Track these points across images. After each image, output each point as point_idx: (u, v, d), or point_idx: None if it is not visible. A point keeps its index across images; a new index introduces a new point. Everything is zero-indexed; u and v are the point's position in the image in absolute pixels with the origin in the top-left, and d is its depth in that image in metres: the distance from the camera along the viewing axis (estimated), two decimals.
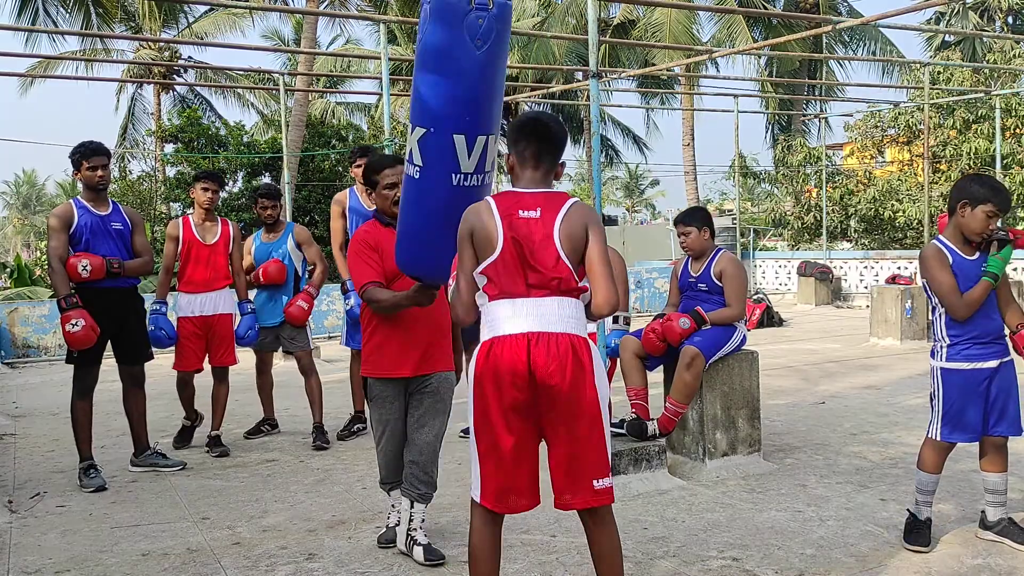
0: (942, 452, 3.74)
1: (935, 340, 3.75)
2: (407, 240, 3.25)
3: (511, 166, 2.79)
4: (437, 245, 3.11)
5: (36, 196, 62.44)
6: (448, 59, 2.85)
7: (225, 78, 22.38)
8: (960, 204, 3.65)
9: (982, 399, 3.65)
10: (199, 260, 5.80)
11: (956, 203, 3.67)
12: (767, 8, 22.07)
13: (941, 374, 3.70)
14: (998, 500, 3.76)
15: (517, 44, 23.86)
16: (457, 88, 2.88)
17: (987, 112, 17.08)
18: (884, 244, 19.77)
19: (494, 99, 2.97)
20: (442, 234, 3.04)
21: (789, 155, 20.93)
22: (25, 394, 8.68)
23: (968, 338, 3.63)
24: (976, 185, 3.63)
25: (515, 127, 2.79)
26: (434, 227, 3.09)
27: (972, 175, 3.80)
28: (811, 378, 8.33)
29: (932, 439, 3.74)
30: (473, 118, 2.92)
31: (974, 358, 3.63)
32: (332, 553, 3.85)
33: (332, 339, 12.60)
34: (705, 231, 5.02)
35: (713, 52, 10.55)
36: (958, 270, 3.61)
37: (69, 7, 20.71)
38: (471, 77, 2.86)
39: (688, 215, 5.13)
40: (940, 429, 3.71)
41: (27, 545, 4.09)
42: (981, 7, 25.94)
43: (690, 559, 3.64)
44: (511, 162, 2.79)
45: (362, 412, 6.27)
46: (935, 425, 3.73)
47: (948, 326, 3.66)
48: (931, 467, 3.75)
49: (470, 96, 2.90)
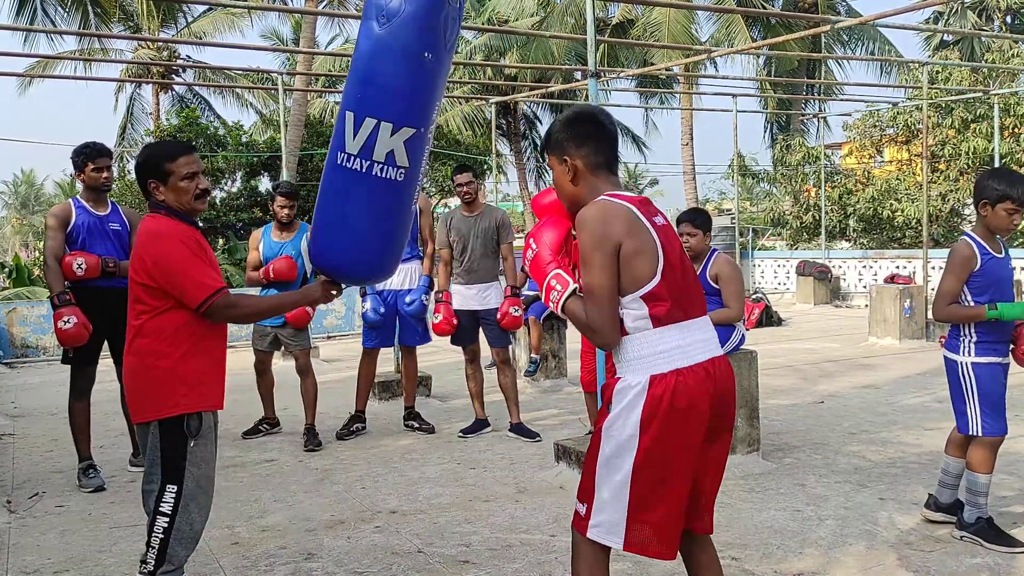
0: (994, 448, 3.71)
1: (960, 335, 3.73)
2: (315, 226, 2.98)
3: (589, 167, 2.46)
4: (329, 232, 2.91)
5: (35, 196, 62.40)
6: (361, 31, 2.76)
7: (224, 78, 22.35)
8: (981, 204, 3.67)
9: (1004, 391, 3.71)
10: None
11: (977, 203, 3.69)
12: (766, 8, 22.07)
13: (973, 368, 3.68)
14: (980, 500, 3.74)
15: (516, 43, 23.85)
16: (355, 64, 2.77)
17: (986, 111, 17.08)
18: (883, 243, 19.78)
19: (393, 83, 2.71)
20: (330, 218, 2.88)
21: (788, 154, 20.93)
22: (24, 394, 8.67)
23: (995, 335, 3.68)
24: (993, 181, 3.64)
25: (587, 122, 2.50)
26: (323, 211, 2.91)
27: (989, 171, 3.79)
28: (810, 377, 8.33)
29: (980, 438, 3.69)
30: (363, 96, 2.74)
31: (998, 353, 3.69)
32: (331, 553, 3.85)
33: (332, 339, 12.60)
34: (708, 235, 5.05)
35: (712, 52, 10.55)
36: (987, 269, 3.65)
37: (67, 7, 20.71)
38: (365, 53, 2.73)
39: (696, 216, 5.08)
40: (983, 424, 3.67)
41: (26, 545, 4.08)
42: (979, 7, 25.94)
43: None
44: (586, 163, 2.46)
45: (362, 412, 6.28)
46: (976, 422, 3.67)
47: (978, 323, 3.67)
48: (987, 468, 3.70)
49: (360, 70, 2.74)
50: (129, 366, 2.91)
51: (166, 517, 2.82)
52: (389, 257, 3.01)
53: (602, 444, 2.37)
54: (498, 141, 21.54)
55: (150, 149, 3.04)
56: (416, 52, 2.71)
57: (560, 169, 2.51)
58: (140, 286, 2.86)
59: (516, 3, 25.07)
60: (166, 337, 2.85)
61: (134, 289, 2.89)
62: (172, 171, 2.95)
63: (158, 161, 2.97)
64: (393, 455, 5.63)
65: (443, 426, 6.40)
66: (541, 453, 5.51)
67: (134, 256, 2.88)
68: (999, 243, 3.75)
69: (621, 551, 2.38)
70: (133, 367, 2.90)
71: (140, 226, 2.97)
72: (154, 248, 2.84)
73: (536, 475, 5.02)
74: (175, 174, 2.95)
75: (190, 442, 2.86)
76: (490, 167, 21.23)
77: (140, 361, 2.87)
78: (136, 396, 2.90)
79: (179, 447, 2.84)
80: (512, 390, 6.06)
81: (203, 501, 2.91)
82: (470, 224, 5.98)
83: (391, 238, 2.95)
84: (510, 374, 6.08)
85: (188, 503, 2.85)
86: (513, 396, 6.05)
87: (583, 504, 2.42)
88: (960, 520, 3.78)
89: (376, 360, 6.33)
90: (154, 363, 2.85)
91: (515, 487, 4.80)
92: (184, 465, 2.83)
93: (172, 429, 2.84)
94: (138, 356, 2.88)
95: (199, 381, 2.90)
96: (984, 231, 3.71)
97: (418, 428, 6.28)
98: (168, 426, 2.84)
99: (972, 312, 3.63)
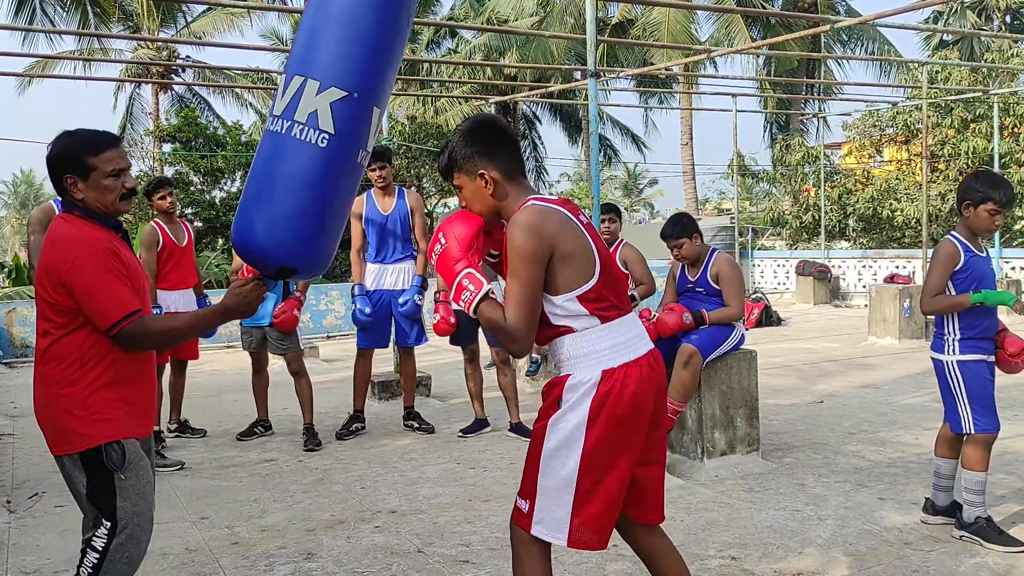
0: (988, 446, 3.73)
1: (944, 334, 3.78)
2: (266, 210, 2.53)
3: (505, 176, 2.42)
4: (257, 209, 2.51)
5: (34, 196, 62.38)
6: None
7: (223, 78, 22.36)
8: (964, 205, 3.74)
9: (992, 388, 3.74)
10: (174, 260, 6.05)
11: (960, 203, 3.75)
12: (765, 8, 22.07)
13: (959, 366, 3.72)
14: (977, 499, 3.75)
15: (515, 43, 23.85)
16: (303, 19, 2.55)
17: (985, 111, 17.09)
18: (882, 243, 19.79)
19: (329, 38, 2.48)
20: (249, 190, 2.52)
21: (787, 154, 20.93)
22: (23, 394, 8.66)
23: (978, 332, 3.72)
24: (976, 183, 3.71)
25: (492, 131, 2.46)
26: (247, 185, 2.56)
27: (974, 173, 3.84)
28: (809, 377, 8.33)
29: (973, 435, 3.71)
30: (295, 52, 2.52)
31: (983, 350, 3.73)
32: (331, 553, 3.85)
33: (331, 339, 12.60)
34: (696, 238, 5.02)
35: (711, 51, 10.55)
36: (970, 267, 3.70)
37: (67, 6, 20.72)
38: (311, 7, 2.52)
39: (675, 228, 5.01)
40: (976, 422, 3.69)
41: (25, 545, 4.08)
42: (979, 6, 25.95)
43: (689, 558, 3.63)
44: (502, 172, 2.42)
45: (361, 412, 6.28)
46: (968, 420, 3.71)
47: (961, 320, 3.72)
48: (983, 465, 3.71)
49: (303, 26, 2.53)
50: (37, 397, 2.53)
51: (97, 553, 2.53)
52: (301, 241, 2.49)
53: (546, 439, 2.38)
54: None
55: (69, 139, 2.54)
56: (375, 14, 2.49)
57: (475, 185, 2.43)
58: (46, 302, 2.46)
59: (516, 3, 25.08)
60: (76, 360, 2.46)
61: (39, 305, 2.49)
62: (95, 166, 2.50)
63: (79, 154, 2.51)
64: (393, 455, 5.63)
65: (443, 426, 6.40)
66: None
67: (40, 266, 2.47)
68: (981, 244, 3.80)
69: (564, 547, 2.42)
70: (42, 398, 2.51)
71: (49, 230, 2.53)
72: (63, 258, 2.42)
73: None
74: (98, 170, 2.50)
75: (118, 475, 2.50)
76: None
77: (47, 390, 2.48)
78: (48, 428, 2.51)
79: (105, 481, 2.49)
80: (512, 390, 6.06)
81: (141, 536, 2.56)
82: None
83: (305, 217, 2.48)
84: (510, 374, 6.08)
85: (125, 541, 2.52)
86: (513, 396, 6.05)
87: (525, 501, 2.45)
88: (959, 520, 3.79)
89: (371, 360, 6.32)
90: (63, 391, 2.46)
91: (515, 487, 4.77)
92: (115, 502, 2.50)
93: (93, 462, 2.48)
94: (45, 384, 2.49)
95: (118, 407, 2.50)
96: (967, 231, 3.78)
97: (418, 428, 6.28)
98: (89, 459, 2.49)
99: (957, 300, 3.68)
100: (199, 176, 19.70)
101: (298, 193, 2.46)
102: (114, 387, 2.50)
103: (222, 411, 7.18)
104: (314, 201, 2.48)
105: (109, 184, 2.52)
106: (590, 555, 3.66)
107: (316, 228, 2.50)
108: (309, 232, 2.49)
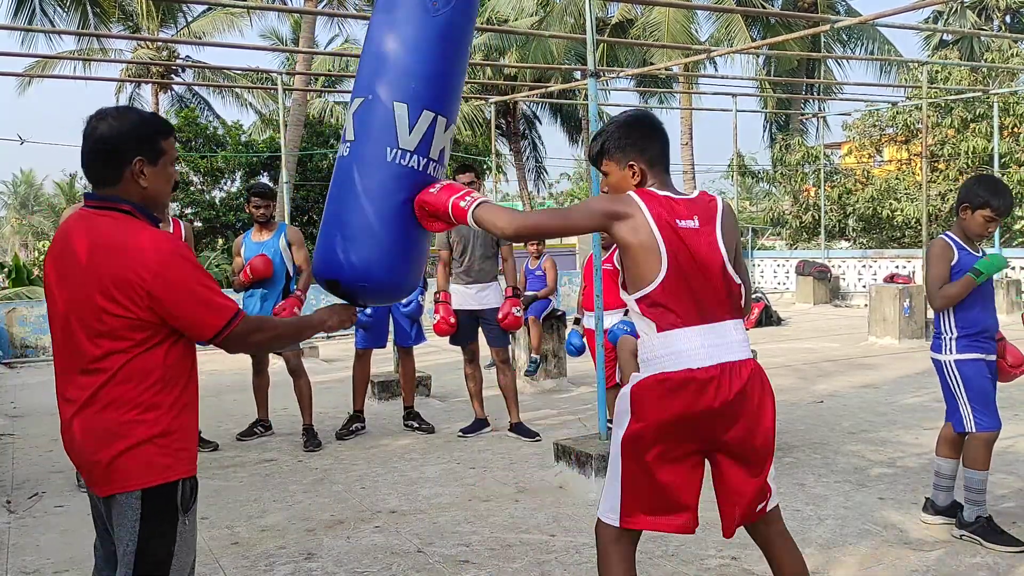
0: (988, 444, 3.73)
1: (941, 334, 3.79)
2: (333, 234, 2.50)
3: (650, 169, 2.49)
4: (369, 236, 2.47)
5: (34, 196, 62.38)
6: (399, 18, 2.50)
7: (223, 78, 22.34)
8: (961, 207, 3.75)
9: (993, 387, 3.75)
10: None
11: (959, 205, 3.77)
12: (765, 7, 22.07)
13: (956, 366, 3.74)
14: (978, 498, 3.75)
15: (515, 43, 23.85)
16: (405, 51, 2.50)
17: (985, 111, 17.09)
18: (882, 243, 19.80)
19: (450, 75, 2.56)
20: (375, 223, 2.46)
21: (787, 154, 20.93)
22: (23, 394, 8.66)
23: (976, 331, 3.73)
24: (978, 187, 3.72)
25: (636, 126, 2.52)
26: (362, 212, 2.48)
27: (976, 177, 3.84)
28: (809, 377, 8.33)
29: (974, 434, 3.72)
30: (419, 87, 2.49)
31: (981, 349, 3.73)
32: (331, 553, 3.85)
33: (332, 339, 12.60)
34: None
35: (711, 51, 10.54)
36: (964, 264, 3.71)
37: (66, 6, 20.68)
38: (422, 41, 2.49)
39: None
40: (976, 420, 3.70)
41: (25, 545, 4.08)
42: (979, 6, 25.94)
43: (689, 558, 3.64)
44: (648, 166, 2.49)
45: (361, 412, 6.28)
46: (968, 419, 3.71)
47: (957, 319, 3.73)
48: (983, 464, 3.72)
49: (417, 61, 2.49)
50: (96, 426, 2.07)
51: None
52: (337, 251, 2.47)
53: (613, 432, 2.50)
54: (498, 141, 21.55)
55: (140, 116, 2.17)
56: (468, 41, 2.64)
57: (623, 174, 2.51)
58: (118, 318, 2.04)
59: (516, 3, 25.07)
60: (158, 381, 2.09)
61: (102, 321, 2.05)
62: (165, 150, 2.17)
63: (153, 134, 2.15)
64: (393, 455, 5.63)
65: (443, 426, 6.40)
66: (541, 453, 5.51)
67: (104, 277, 2.04)
68: (975, 245, 3.81)
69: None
70: (107, 427, 2.06)
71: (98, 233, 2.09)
72: (146, 264, 2.04)
73: (536, 475, 5.02)
74: (167, 155, 2.18)
75: (183, 519, 2.12)
76: (490, 167, 21.24)
77: (118, 416, 2.06)
78: (107, 462, 2.06)
79: (166, 526, 2.09)
80: (512, 390, 6.06)
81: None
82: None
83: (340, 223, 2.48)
84: (510, 374, 6.08)
85: None
86: (513, 396, 6.05)
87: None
88: (959, 519, 3.79)
89: (369, 360, 6.31)
90: (141, 416, 2.07)
91: (515, 487, 4.80)
92: (172, 550, 2.09)
93: (159, 502, 2.08)
94: (114, 410, 2.06)
95: (193, 435, 2.19)
96: (960, 232, 3.79)
97: (418, 428, 6.28)
98: (155, 497, 2.07)
99: (963, 282, 3.65)
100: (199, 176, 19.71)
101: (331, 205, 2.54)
102: (190, 411, 2.18)
103: (222, 411, 7.17)
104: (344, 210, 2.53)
105: (171, 173, 2.22)
106: (591, 555, 3.65)
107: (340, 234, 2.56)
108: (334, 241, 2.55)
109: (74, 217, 2.17)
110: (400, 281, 2.54)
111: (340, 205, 2.49)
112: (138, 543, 2.06)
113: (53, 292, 2.16)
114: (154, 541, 2.07)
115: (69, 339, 2.11)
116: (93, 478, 2.11)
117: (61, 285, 2.13)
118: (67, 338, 2.11)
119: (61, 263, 2.14)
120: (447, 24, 2.51)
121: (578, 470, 4.73)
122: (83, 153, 2.14)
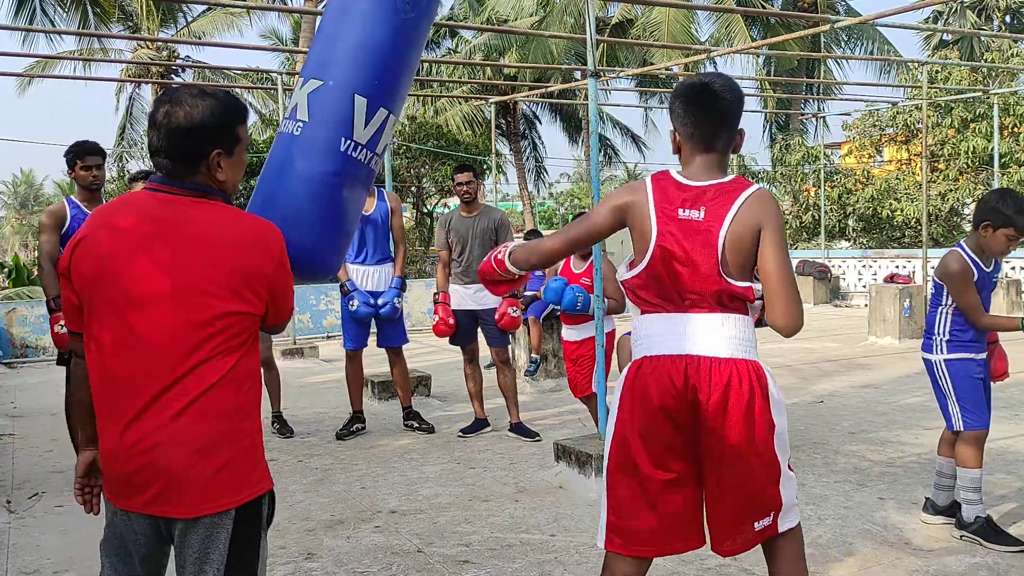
0: (978, 442, 3.74)
1: (934, 334, 3.82)
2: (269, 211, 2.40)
3: (687, 142, 2.33)
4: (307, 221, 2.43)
5: (34, 196, 62.42)
6: (366, 11, 2.53)
7: (223, 78, 22.34)
8: (983, 225, 3.68)
9: (983, 386, 3.77)
10: None
11: (979, 221, 3.69)
12: (765, 7, 22.08)
13: (946, 365, 3.77)
14: (974, 496, 3.75)
15: (515, 43, 23.85)
16: (371, 47, 2.52)
17: (985, 111, 17.09)
18: (882, 243, 19.79)
19: (406, 76, 2.60)
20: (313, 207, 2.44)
21: (787, 154, 20.93)
22: (23, 394, 8.66)
23: (971, 337, 3.76)
24: (1002, 206, 3.63)
25: (681, 96, 2.33)
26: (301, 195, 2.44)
27: (999, 191, 3.74)
28: (809, 377, 8.33)
29: (963, 432, 3.74)
30: (380, 84, 2.53)
31: (971, 349, 3.75)
32: (331, 553, 3.85)
33: (331, 339, 12.59)
34: None
35: (711, 51, 10.54)
36: (979, 285, 3.70)
37: (66, 7, 20.69)
38: (387, 40, 2.53)
39: None
40: (964, 419, 3.73)
41: (25, 545, 4.08)
42: (979, 6, 25.95)
43: (688, 558, 3.64)
44: (685, 138, 2.33)
45: (360, 412, 6.27)
46: (957, 418, 3.75)
47: (955, 323, 3.75)
48: (975, 462, 3.74)
49: (381, 59, 2.53)
50: (199, 437, 1.83)
51: None
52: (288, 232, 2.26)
53: None
54: (497, 141, 21.53)
55: (218, 101, 1.94)
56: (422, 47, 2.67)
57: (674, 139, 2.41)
58: (238, 315, 1.88)
59: (516, 3, 25.08)
60: (251, 387, 1.93)
61: (219, 319, 1.85)
62: (241, 138, 2.00)
63: (232, 122, 1.95)
64: (393, 455, 5.63)
65: (443, 426, 6.40)
66: (541, 453, 5.52)
67: (225, 271, 1.87)
68: (988, 260, 3.77)
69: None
70: (212, 438, 1.84)
71: (227, 222, 1.93)
72: (270, 254, 1.94)
73: (536, 475, 5.02)
74: (242, 143, 2.01)
75: (264, 533, 1.97)
76: (489, 167, 21.24)
77: (220, 425, 1.85)
78: (208, 477, 1.83)
79: (253, 542, 1.91)
80: (512, 390, 6.06)
81: None
82: (468, 225, 5.97)
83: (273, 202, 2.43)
84: (510, 374, 6.08)
85: None
86: (513, 396, 6.05)
87: None
88: (959, 519, 3.79)
89: (360, 361, 6.26)
90: (240, 425, 1.89)
91: (515, 487, 4.80)
92: (256, 566, 1.93)
93: (250, 517, 1.90)
94: (214, 418, 1.84)
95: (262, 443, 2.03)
96: (976, 247, 3.74)
97: (417, 428, 6.27)
98: (248, 513, 1.89)
99: (1008, 324, 3.68)
100: None
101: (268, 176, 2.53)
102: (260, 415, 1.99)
103: None
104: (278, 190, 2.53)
105: (244, 159, 2.05)
106: (591, 555, 3.66)
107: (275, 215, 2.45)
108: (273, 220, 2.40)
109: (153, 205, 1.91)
110: (327, 264, 2.49)
111: (278, 186, 2.46)
112: (225, 569, 1.86)
113: (123, 284, 1.84)
114: (242, 563, 1.88)
115: (159, 336, 1.83)
116: (174, 498, 1.82)
117: (149, 278, 1.84)
118: (156, 336, 1.83)
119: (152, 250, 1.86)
120: (413, 27, 2.57)
121: (578, 470, 4.73)
122: (151, 139, 1.94)
